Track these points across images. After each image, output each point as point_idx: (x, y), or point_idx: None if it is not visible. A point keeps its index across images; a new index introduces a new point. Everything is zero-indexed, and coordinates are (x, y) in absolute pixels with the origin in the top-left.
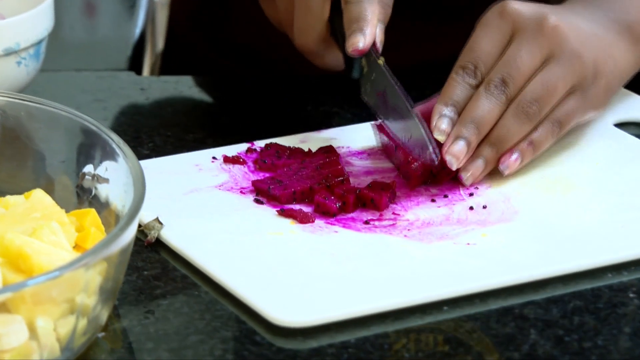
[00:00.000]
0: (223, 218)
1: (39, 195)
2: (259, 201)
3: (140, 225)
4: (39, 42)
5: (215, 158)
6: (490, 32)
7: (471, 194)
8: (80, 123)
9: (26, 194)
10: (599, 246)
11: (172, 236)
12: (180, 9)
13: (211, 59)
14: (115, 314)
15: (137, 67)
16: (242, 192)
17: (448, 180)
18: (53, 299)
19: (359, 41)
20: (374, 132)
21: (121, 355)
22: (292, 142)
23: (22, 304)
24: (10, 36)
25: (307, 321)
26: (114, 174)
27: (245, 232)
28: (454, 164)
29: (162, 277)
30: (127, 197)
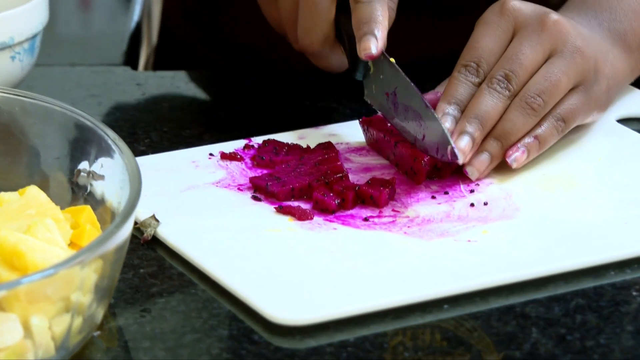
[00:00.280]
0: (220, 215)
1: (33, 191)
2: (256, 198)
3: (136, 223)
4: (34, 37)
5: (213, 154)
6: (492, 30)
7: (472, 191)
8: (75, 119)
9: (20, 190)
10: (601, 243)
11: (169, 233)
12: (173, 4)
13: (205, 54)
14: (111, 312)
15: (132, 62)
16: (239, 189)
17: (450, 174)
18: (48, 297)
19: (372, 45)
20: (361, 128)
21: (117, 354)
22: (290, 139)
23: (16, 302)
24: (4, 30)
25: (306, 319)
26: (110, 171)
27: (243, 229)
28: (461, 158)
29: (159, 275)
30: (123, 194)
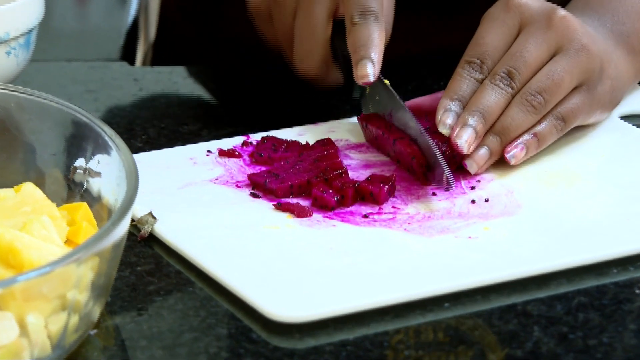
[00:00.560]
0: (218, 212)
1: (29, 188)
2: (255, 195)
3: (133, 220)
4: (29, 32)
5: (211, 151)
6: (497, 26)
7: (473, 187)
8: (72, 115)
9: (16, 187)
10: (604, 240)
11: (166, 231)
12: None
13: (203, 49)
14: (107, 310)
15: (129, 57)
16: (237, 186)
17: (453, 170)
18: (44, 295)
19: (369, 71)
20: (360, 125)
21: (114, 353)
22: (289, 135)
23: (12, 300)
24: None
25: (305, 317)
26: (106, 167)
27: (241, 226)
28: (465, 148)
29: (156, 272)
30: (120, 191)
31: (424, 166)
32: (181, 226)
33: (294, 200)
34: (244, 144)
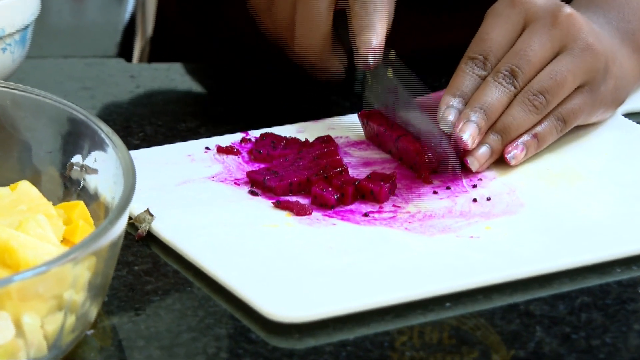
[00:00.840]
0: (216, 210)
1: (25, 187)
2: (253, 193)
3: (130, 218)
4: (25, 28)
5: (209, 148)
6: (501, 22)
7: (475, 186)
8: (68, 112)
9: (12, 185)
10: (607, 239)
11: (164, 229)
12: None
13: (202, 45)
14: (104, 310)
15: (126, 54)
16: (236, 184)
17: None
18: (40, 295)
19: (369, 57)
20: (360, 122)
21: (111, 353)
22: (288, 132)
23: (7, 300)
24: None
25: (304, 316)
26: (103, 165)
27: (240, 224)
28: (470, 142)
29: (154, 272)
30: (117, 189)
31: (434, 162)
32: (179, 224)
33: (293, 199)
34: (243, 140)
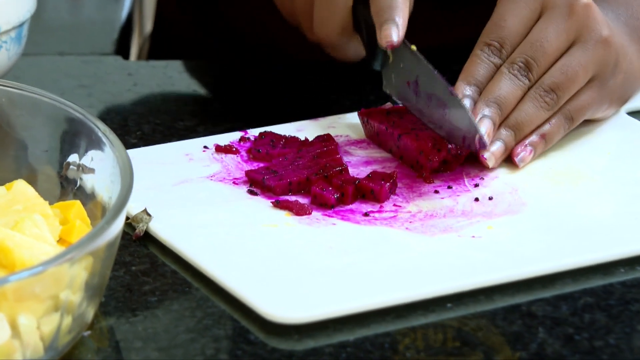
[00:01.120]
0: (215, 210)
1: (21, 186)
2: (252, 192)
3: (127, 218)
4: (21, 25)
5: (207, 147)
6: (518, 8)
7: (476, 185)
8: (65, 110)
9: (7, 185)
10: (610, 239)
11: (162, 229)
12: None
13: (201, 43)
14: (101, 311)
15: (124, 51)
16: (235, 183)
17: (457, 167)
18: (36, 295)
19: (393, 33)
20: (360, 120)
21: (108, 354)
22: (287, 131)
23: (3, 301)
24: None
25: (303, 317)
26: (100, 164)
27: (238, 224)
28: (486, 138)
29: (151, 272)
30: (114, 188)
31: (437, 162)
32: (177, 224)
33: (292, 198)
34: (242, 139)
